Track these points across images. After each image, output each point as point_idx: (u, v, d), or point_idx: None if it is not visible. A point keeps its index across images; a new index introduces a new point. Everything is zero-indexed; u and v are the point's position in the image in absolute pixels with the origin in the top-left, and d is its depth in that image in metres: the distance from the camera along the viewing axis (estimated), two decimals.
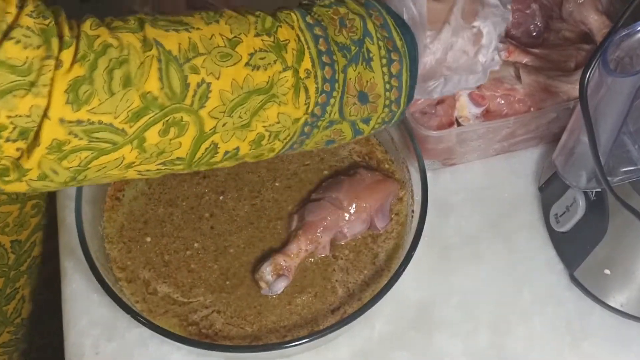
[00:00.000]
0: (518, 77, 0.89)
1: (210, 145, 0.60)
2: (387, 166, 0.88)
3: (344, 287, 0.81)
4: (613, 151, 0.69)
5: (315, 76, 0.61)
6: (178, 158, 0.59)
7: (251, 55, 0.59)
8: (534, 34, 0.98)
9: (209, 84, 0.57)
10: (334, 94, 0.62)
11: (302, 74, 0.61)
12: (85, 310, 0.82)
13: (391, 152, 0.89)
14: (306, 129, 0.63)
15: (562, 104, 0.87)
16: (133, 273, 0.81)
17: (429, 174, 0.82)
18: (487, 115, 0.89)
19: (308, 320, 0.79)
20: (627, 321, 0.82)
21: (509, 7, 0.71)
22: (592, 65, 0.65)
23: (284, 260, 0.79)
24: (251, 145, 0.62)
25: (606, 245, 0.78)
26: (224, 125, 0.59)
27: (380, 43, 0.64)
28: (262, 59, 0.59)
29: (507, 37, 0.95)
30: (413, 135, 0.83)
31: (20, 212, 0.89)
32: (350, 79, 0.63)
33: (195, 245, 0.82)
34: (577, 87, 0.67)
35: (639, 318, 0.81)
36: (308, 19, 0.62)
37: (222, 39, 0.58)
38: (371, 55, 0.63)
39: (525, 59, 0.92)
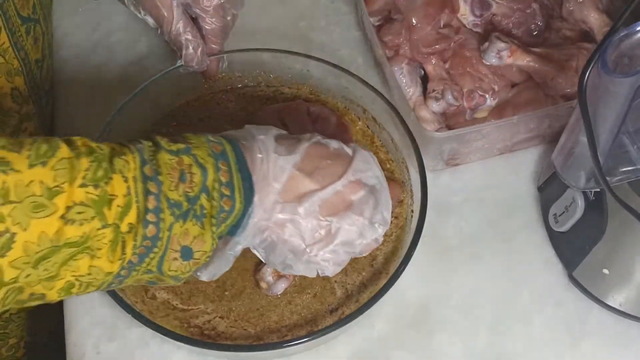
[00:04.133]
0: None
1: (14, 288, 0.55)
2: (388, 166, 0.89)
3: (343, 287, 0.81)
4: (612, 151, 0.69)
5: (136, 234, 0.58)
6: None
7: (69, 208, 0.55)
8: (535, 33, 0.98)
9: (13, 234, 0.53)
10: (155, 249, 0.60)
11: (124, 228, 0.57)
12: (87, 310, 0.82)
13: (391, 152, 0.89)
14: (122, 272, 0.60)
15: (565, 103, 0.88)
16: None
17: (429, 174, 0.82)
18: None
19: (308, 320, 0.79)
20: (626, 321, 0.82)
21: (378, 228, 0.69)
22: (591, 65, 0.65)
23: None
24: (60, 293, 0.58)
25: (605, 245, 0.78)
26: (27, 276, 0.55)
27: (215, 203, 0.62)
28: (79, 213, 0.55)
29: (509, 37, 0.95)
30: (413, 135, 0.83)
31: None
32: (175, 234, 0.60)
33: None
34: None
35: (638, 317, 0.81)
36: (146, 169, 0.59)
37: (41, 187, 0.54)
38: (204, 212, 0.61)
39: (527, 59, 0.92)
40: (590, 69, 0.65)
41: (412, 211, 0.83)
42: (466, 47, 0.95)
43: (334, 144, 0.69)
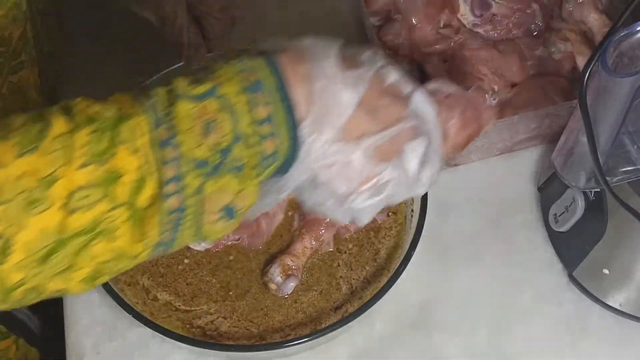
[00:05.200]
0: None
1: (31, 287, 0.50)
2: None
3: (348, 283, 0.81)
4: (612, 151, 0.69)
5: (158, 209, 0.50)
6: None
7: (71, 194, 0.48)
8: (535, 33, 0.98)
9: (10, 237, 0.47)
10: (181, 222, 0.52)
11: (142, 204, 0.50)
12: (86, 310, 0.82)
13: None
14: (159, 250, 0.53)
15: (565, 103, 0.88)
16: (132, 278, 0.80)
17: None
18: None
19: (312, 318, 0.79)
20: (626, 320, 0.82)
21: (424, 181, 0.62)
22: (591, 65, 0.65)
23: (291, 260, 0.80)
24: (83, 283, 0.51)
25: (605, 245, 0.78)
26: (35, 275, 0.49)
27: (254, 149, 0.53)
28: (84, 197, 0.48)
29: (509, 37, 0.96)
30: None
31: None
32: (210, 193, 0.52)
33: (186, 261, 0.82)
34: None
35: (638, 317, 0.81)
36: (160, 131, 0.50)
37: (34, 178, 0.47)
38: (242, 163, 0.53)
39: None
40: (590, 69, 0.65)
41: (412, 211, 0.83)
42: (466, 47, 0.95)
43: (394, 75, 0.60)
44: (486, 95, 0.78)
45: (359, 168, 0.58)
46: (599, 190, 0.77)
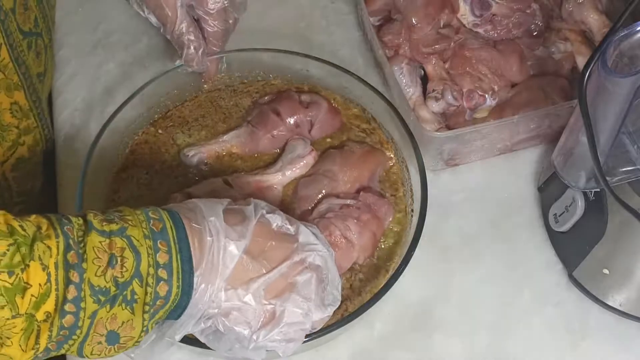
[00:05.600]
0: None
1: None
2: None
3: (347, 283, 0.81)
4: (612, 151, 0.69)
5: (52, 324, 0.55)
6: None
7: None
8: (535, 33, 0.98)
9: None
10: (74, 337, 0.57)
11: (40, 317, 0.55)
12: None
13: (394, 152, 0.89)
14: (39, 355, 0.58)
15: (565, 102, 0.88)
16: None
17: (429, 174, 0.82)
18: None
19: None
20: (626, 320, 0.82)
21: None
22: (591, 65, 0.65)
23: None
24: None
25: (605, 245, 0.78)
26: None
27: (149, 289, 0.59)
28: None
29: (510, 37, 0.96)
30: (413, 135, 0.83)
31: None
32: (101, 318, 0.58)
33: None
34: None
35: (638, 317, 0.81)
36: (70, 256, 0.56)
37: None
38: (136, 297, 0.58)
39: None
40: (590, 69, 0.65)
41: (412, 211, 0.83)
42: (466, 47, 0.95)
43: (278, 221, 0.67)
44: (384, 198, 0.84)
45: (252, 309, 0.64)
46: (599, 190, 0.77)
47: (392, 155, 0.88)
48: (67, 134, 0.95)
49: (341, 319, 0.73)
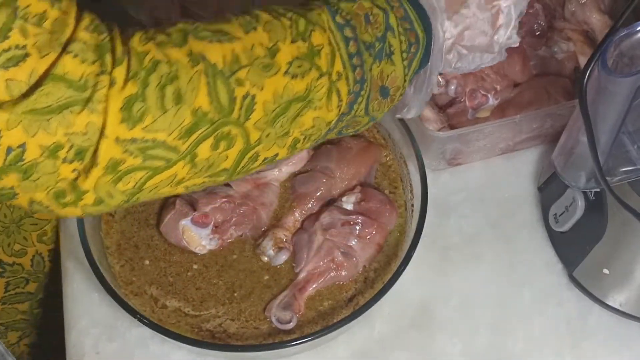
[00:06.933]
0: None
1: (252, 155, 0.59)
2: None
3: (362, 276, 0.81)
4: (612, 151, 0.69)
5: (347, 78, 0.61)
6: (223, 169, 0.59)
7: (289, 63, 0.58)
8: (538, 33, 0.98)
9: (253, 96, 0.56)
10: (362, 93, 0.63)
11: (334, 77, 0.60)
12: (86, 310, 0.82)
13: (391, 151, 0.89)
14: (332, 125, 0.64)
15: (567, 102, 0.88)
16: (140, 288, 0.80)
17: (429, 174, 0.82)
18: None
19: (322, 313, 0.79)
20: (626, 320, 0.82)
21: None
22: (591, 65, 0.64)
23: (284, 234, 0.81)
24: (288, 149, 0.62)
25: (605, 245, 0.78)
26: (267, 135, 0.59)
27: (402, 37, 0.64)
28: (299, 67, 0.59)
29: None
30: (413, 134, 0.83)
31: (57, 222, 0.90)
32: (374, 75, 0.63)
33: (195, 266, 0.82)
34: None
35: (638, 317, 0.81)
36: (338, 18, 0.62)
37: (262, 48, 0.57)
38: (392, 49, 0.64)
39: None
40: (590, 69, 0.65)
41: (412, 210, 0.83)
42: None
43: None
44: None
45: (480, 19, 0.69)
46: (599, 190, 0.77)
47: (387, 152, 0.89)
48: None
49: (341, 319, 0.74)
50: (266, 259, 0.81)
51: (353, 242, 0.80)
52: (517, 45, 0.72)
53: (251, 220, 0.82)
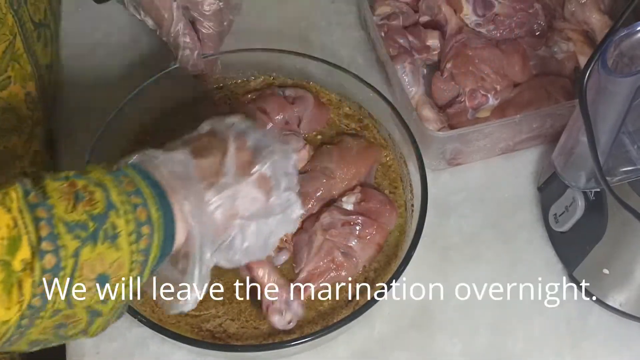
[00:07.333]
0: None
1: None
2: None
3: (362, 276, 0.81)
4: (612, 151, 0.69)
5: (33, 269, 0.51)
6: None
7: None
8: (537, 33, 0.98)
9: None
10: (58, 281, 0.52)
11: (17, 267, 0.50)
12: None
13: (391, 151, 0.89)
14: (23, 322, 0.52)
15: (567, 102, 0.88)
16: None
17: (429, 174, 0.82)
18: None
19: (322, 313, 0.79)
20: (626, 320, 0.82)
21: (289, 147, 0.69)
22: (591, 65, 0.65)
23: (284, 235, 0.80)
24: None
25: (605, 245, 0.78)
26: None
27: (130, 216, 0.56)
28: None
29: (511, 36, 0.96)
30: (413, 134, 0.83)
31: None
32: (86, 260, 0.53)
33: None
34: None
35: (638, 317, 0.81)
36: (31, 197, 0.52)
37: None
38: (117, 231, 0.55)
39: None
40: (590, 69, 0.65)
41: (412, 211, 0.83)
42: (469, 46, 0.95)
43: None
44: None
45: (247, 189, 0.64)
46: (599, 190, 0.77)
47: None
48: (67, 134, 0.95)
49: (341, 319, 0.74)
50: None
51: (353, 242, 0.80)
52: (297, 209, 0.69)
53: None
